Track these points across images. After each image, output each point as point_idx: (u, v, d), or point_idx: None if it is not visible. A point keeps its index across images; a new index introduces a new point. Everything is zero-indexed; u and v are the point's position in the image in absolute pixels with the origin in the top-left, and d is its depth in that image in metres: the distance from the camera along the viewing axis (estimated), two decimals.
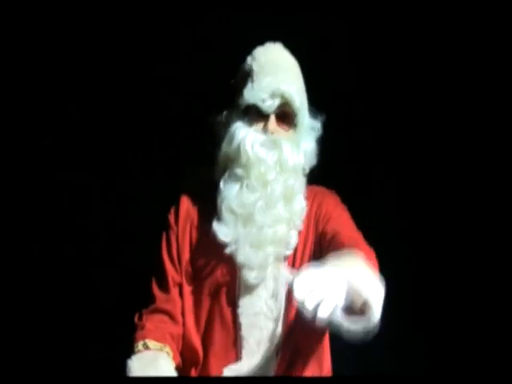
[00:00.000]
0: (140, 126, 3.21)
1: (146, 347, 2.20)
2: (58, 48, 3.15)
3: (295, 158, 2.23)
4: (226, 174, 2.24)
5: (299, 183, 2.27)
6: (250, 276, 2.21)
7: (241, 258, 2.20)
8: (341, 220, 2.27)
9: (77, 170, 3.21)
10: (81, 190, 3.21)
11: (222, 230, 2.21)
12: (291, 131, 2.26)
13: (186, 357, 2.30)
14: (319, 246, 2.26)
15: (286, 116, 2.25)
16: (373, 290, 1.82)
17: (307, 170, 2.31)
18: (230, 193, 2.21)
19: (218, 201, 2.23)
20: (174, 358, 2.23)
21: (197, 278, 2.29)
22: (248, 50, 2.32)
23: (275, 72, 2.22)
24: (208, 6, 3.10)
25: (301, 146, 2.26)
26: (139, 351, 2.19)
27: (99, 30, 3.13)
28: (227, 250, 2.20)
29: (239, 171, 2.21)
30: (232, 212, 2.20)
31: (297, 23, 3.05)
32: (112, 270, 3.18)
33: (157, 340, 2.22)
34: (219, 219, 2.22)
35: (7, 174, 3.17)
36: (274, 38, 2.32)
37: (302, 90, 2.30)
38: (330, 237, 2.22)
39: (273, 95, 2.20)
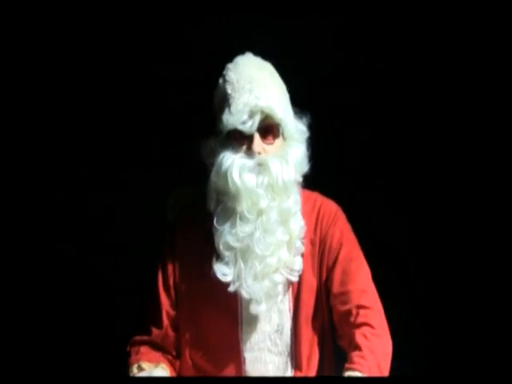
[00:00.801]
0: (140, 126, 3.21)
1: (141, 369, 2.17)
2: (58, 48, 3.15)
3: (285, 176, 2.14)
4: (219, 208, 2.16)
5: (294, 201, 2.18)
6: (259, 309, 2.15)
7: (245, 293, 2.13)
8: (349, 268, 2.20)
9: (77, 170, 3.22)
10: (81, 189, 3.22)
11: (223, 270, 2.14)
12: (278, 141, 2.17)
13: None
14: (325, 287, 2.22)
15: (269, 129, 2.16)
16: None
17: (301, 179, 2.22)
18: (225, 228, 2.13)
19: (215, 238, 2.15)
20: (170, 374, 2.20)
21: (197, 314, 2.22)
22: (248, 50, 2.31)
23: (250, 88, 2.13)
24: (208, 6, 3.10)
25: (289, 157, 2.17)
26: (134, 375, 2.16)
27: (100, 29, 3.14)
28: (231, 289, 2.13)
29: (230, 204, 2.13)
30: (229, 248, 2.13)
31: (296, 23, 3.05)
32: (111, 270, 3.19)
33: (150, 361, 2.19)
34: (218, 257, 2.15)
35: (7, 173, 3.17)
36: (273, 39, 2.31)
37: (283, 96, 2.20)
38: (337, 292, 2.18)
39: (252, 114, 2.11)
